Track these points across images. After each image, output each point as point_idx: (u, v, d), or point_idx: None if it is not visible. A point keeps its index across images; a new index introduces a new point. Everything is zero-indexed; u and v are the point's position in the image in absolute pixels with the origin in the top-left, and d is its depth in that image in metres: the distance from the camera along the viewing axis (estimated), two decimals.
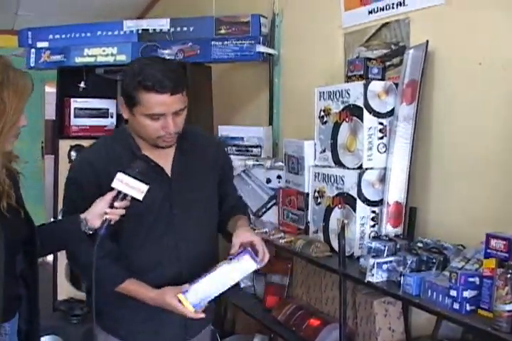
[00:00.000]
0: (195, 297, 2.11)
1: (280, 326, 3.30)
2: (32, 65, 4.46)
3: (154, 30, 4.17)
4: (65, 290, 3.46)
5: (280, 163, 3.45)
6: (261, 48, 3.90)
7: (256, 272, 3.74)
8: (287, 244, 3.07)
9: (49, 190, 5.55)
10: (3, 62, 1.83)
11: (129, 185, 2.03)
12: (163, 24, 4.15)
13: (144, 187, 2.04)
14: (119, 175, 2.03)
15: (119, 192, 2.05)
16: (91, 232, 2.07)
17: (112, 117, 4.48)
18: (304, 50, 3.78)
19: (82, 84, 4.40)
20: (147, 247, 2.29)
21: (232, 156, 3.78)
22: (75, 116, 4.44)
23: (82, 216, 2.07)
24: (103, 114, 4.49)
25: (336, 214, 2.85)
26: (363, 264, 2.50)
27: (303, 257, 2.95)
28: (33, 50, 4.44)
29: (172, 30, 4.14)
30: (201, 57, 4.07)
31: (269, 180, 3.51)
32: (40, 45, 4.43)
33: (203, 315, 2.15)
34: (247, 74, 4.45)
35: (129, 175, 2.03)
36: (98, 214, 2.04)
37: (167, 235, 2.29)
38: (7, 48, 5.62)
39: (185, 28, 4.11)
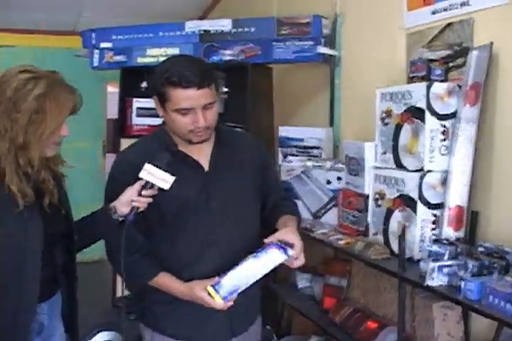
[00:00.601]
0: (224, 289, 2.13)
1: (336, 328, 3.28)
2: (95, 65, 4.54)
3: (216, 30, 4.19)
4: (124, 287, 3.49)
5: (340, 165, 3.42)
6: (322, 49, 3.90)
7: (314, 273, 3.77)
8: (346, 246, 3.05)
9: None
10: (52, 77, 2.05)
11: (156, 176, 2.14)
12: (224, 25, 4.17)
13: (170, 178, 2.14)
14: (147, 166, 2.14)
15: (147, 182, 2.15)
16: (121, 220, 2.20)
17: None
18: (365, 51, 3.76)
19: (143, 84, 4.44)
20: (184, 242, 2.32)
21: (291, 157, 3.80)
22: (137, 116, 4.50)
23: (112, 204, 2.21)
24: None
25: (397, 216, 2.83)
26: (423, 268, 2.47)
27: (362, 259, 2.92)
28: (96, 51, 4.51)
29: (233, 30, 4.15)
30: (262, 58, 4.08)
31: (329, 182, 3.49)
32: (103, 45, 4.51)
33: (229, 304, 2.16)
34: (308, 75, 4.44)
35: (157, 166, 2.13)
36: (126, 201, 2.17)
37: (204, 229, 2.32)
38: (71, 49, 5.74)
39: (246, 29, 4.12)
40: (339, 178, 3.43)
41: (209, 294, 2.14)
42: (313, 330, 3.81)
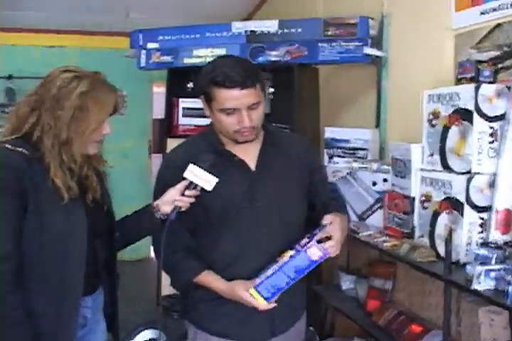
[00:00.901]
0: (266, 291, 2.16)
1: (380, 331, 3.26)
2: (142, 65, 4.57)
3: (262, 31, 4.18)
4: (168, 286, 3.53)
5: (386, 166, 3.40)
6: (368, 50, 3.87)
7: (358, 275, 3.76)
8: (391, 248, 3.03)
9: None
10: (95, 77, 2.13)
11: (199, 177, 2.18)
12: (270, 25, 4.16)
13: (213, 179, 2.18)
14: (191, 167, 2.18)
15: (191, 183, 2.20)
16: (163, 218, 2.26)
17: None
18: (412, 52, 3.73)
19: (190, 85, 4.46)
20: (227, 241, 2.35)
21: (337, 158, 3.78)
22: (183, 116, 4.53)
23: (155, 203, 2.30)
24: None
25: (443, 219, 2.79)
26: (470, 271, 2.43)
27: (407, 262, 2.89)
28: (143, 51, 4.54)
29: (280, 31, 4.14)
30: (308, 59, 4.06)
31: (374, 183, 3.48)
32: (150, 46, 4.52)
33: (272, 305, 2.21)
34: (354, 76, 4.42)
35: (200, 167, 2.18)
36: (169, 201, 2.24)
37: (249, 229, 2.33)
38: (118, 49, 5.80)
39: (292, 30, 4.10)
40: (385, 180, 3.41)
41: (251, 295, 2.18)
42: (356, 332, 3.80)
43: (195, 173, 2.18)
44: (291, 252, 2.19)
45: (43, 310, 2.04)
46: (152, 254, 2.52)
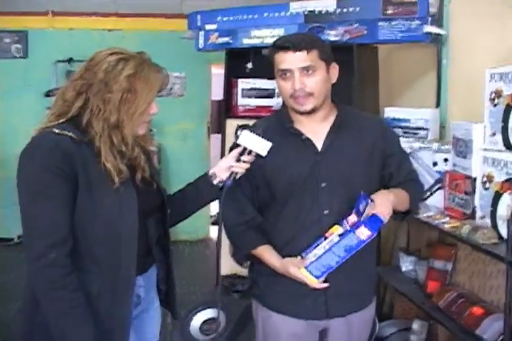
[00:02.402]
0: (317, 270, 2.21)
1: (440, 313, 3.23)
2: (200, 46, 4.58)
3: (320, 11, 4.14)
4: (229, 265, 3.57)
5: (447, 146, 3.35)
6: (429, 28, 3.79)
7: (418, 256, 3.72)
8: (452, 229, 3.01)
9: None
10: (140, 57, 2.12)
11: (253, 142, 2.22)
12: (329, 5, 4.11)
13: (267, 144, 2.22)
14: (244, 133, 2.23)
15: (245, 148, 2.24)
16: (221, 186, 2.31)
17: (278, 97, 4.49)
18: (473, 30, 3.65)
19: (249, 65, 4.46)
20: (289, 218, 2.39)
21: None
22: (242, 96, 4.54)
23: (211, 171, 2.36)
24: (269, 94, 4.54)
25: (506, 199, 2.74)
26: None
27: (468, 243, 2.86)
28: (201, 33, 4.55)
29: (338, 10, 4.08)
30: (368, 38, 4.00)
31: (435, 163, 3.42)
32: (208, 27, 4.53)
33: (325, 285, 2.26)
34: (414, 55, 4.36)
35: (253, 133, 2.22)
36: (225, 167, 2.31)
37: (310, 209, 2.36)
38: (176, 31, 5.82)
39: (351, 9, 4.04)
40: (446, 160, 3.36)
41: (303, 274, 2.22)
42: (416, 314, 3.79)
43: (248, 139, 2.22)
44: (340, 230, 2.22)
45: (99, 291, 2.07)
46: (212, 234, 2.57)
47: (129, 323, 2.17)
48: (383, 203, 2.18)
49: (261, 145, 2.22)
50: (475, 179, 3.01)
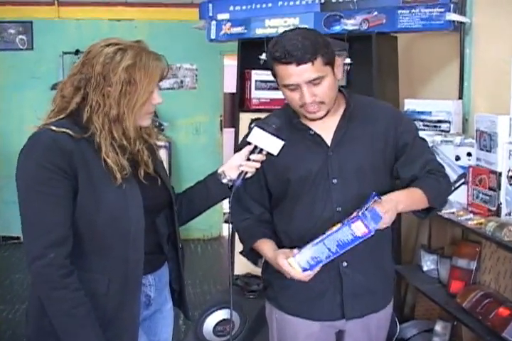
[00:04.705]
0: (305, 262, 2.14)
1: (465, 313, 3.15)
2: (212, 37, 4.51)
3: None
4: (243, 265, 3.50)
5: (471, 140, 3.27)
6: (451, 16, 3.67)
7: (441, 255, 3.62)
8: (476, 226, 2.95)
9: None
10: (137, 46, 2.08)
11: (264, 140, 2.17)
12: None
13: (279, 143, 2.16)
14: (255, 130, 2.18)
15: (256, 147, 2.19)
16: (230, 185, 2.28)
17: None
18: (498, 18, 3.55)
19: (263, 56, 4.34)
20: (300, 216, 2.35)
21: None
22: (256, 89, 4.44)
23: (220, 169, 2.34)
24: None
25: None
26: None
27: (493, 241, 2.81)
28: (213, 23, 4.48)
29: None
30: (387, 27, 3.89)
31: (458, 158, 3.34)
32: (220, 17, 4.47)
33: (308, 277, 2.18)
34: (436, 45, 4.24)
35: (265, 131, 2.16)
36: (235, 166, 2.28)
37: (323, 206, 2.31)
38: (188, 21, 5.74)
39: None
40: (469, 154, 3.27)
41: (289, 264, 2.16)
42: (439, 315, 3.73)
43: (259, 137, 2.17)
44: (339, 225, 2.14)
45: (106, 290, 2.06)
46: (225, 233, 2.54)
47: (138, 323, 2.16)
48: (389, 209, 2.10)
49: (273, 144, 2.17)
50: (500, 174, 2.94)
